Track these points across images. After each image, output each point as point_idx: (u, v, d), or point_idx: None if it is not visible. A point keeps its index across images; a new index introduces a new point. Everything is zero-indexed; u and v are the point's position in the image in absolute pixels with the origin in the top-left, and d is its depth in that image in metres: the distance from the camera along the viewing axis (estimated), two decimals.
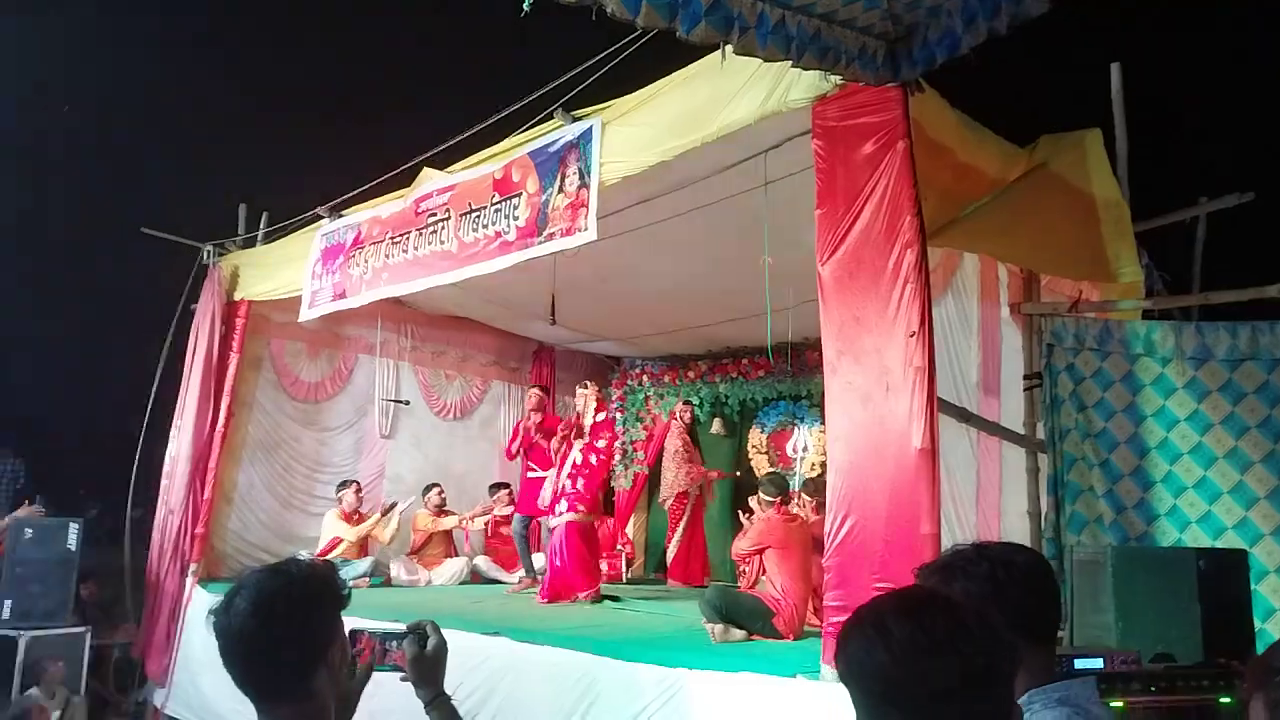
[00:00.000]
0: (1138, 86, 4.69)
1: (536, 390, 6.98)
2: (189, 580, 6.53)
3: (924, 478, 2.98)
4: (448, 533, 7.56)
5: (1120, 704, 2.02)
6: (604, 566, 7.23)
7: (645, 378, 8.87)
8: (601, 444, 6.14)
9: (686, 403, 8.13)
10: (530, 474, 6.84)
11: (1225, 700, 2.10)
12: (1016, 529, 4.07)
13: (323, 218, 6.16)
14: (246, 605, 1.40)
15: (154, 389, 7.13)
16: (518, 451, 6.86)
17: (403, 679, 1.62)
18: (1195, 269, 4.87)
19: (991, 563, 1.48)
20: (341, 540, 6.95)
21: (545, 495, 6.23)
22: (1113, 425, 3.66)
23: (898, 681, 1.03)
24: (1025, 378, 4.10)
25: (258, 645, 1.40)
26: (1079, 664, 2.04)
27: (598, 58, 4.09)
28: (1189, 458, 3.54)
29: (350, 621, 1.55)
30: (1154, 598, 2.62)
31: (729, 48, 2.81)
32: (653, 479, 8.24)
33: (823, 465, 5.16)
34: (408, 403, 7.94)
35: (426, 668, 1.62)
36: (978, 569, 1.47)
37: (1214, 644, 2.51)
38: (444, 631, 1.67)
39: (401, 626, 1.65)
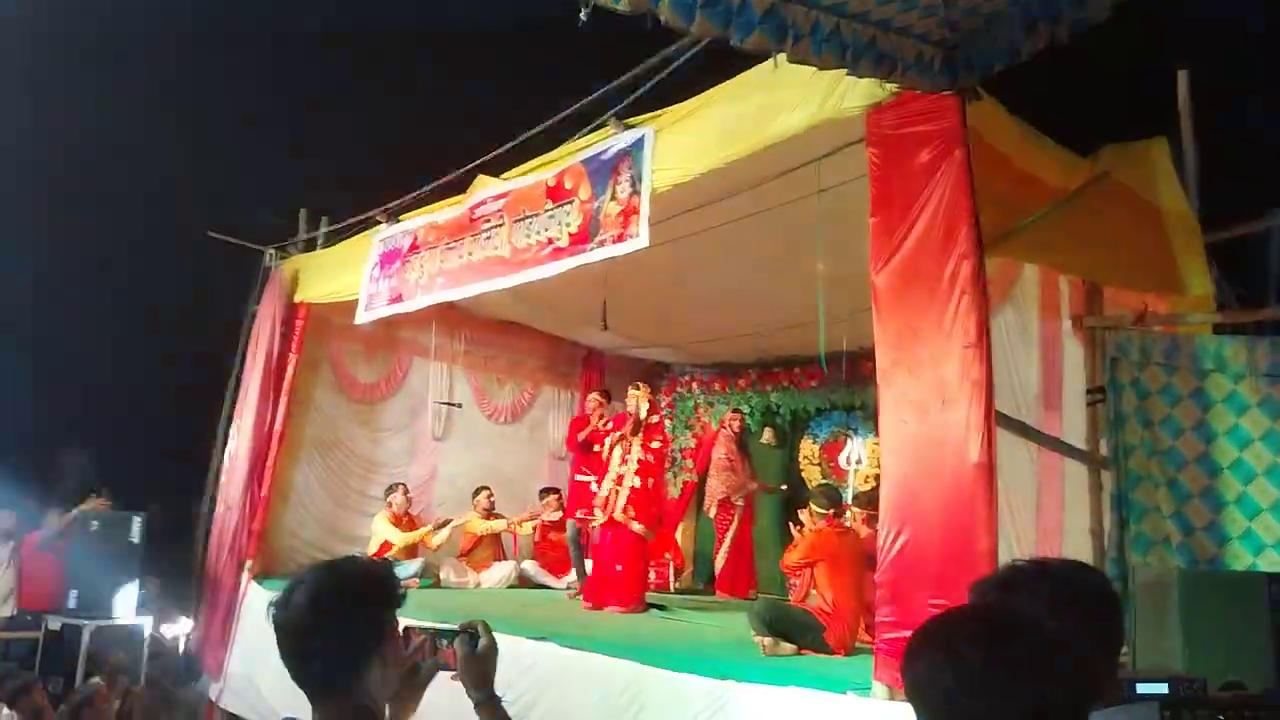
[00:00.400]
0: (1206, 94, 4.54)
1: (597, 395, 6.98)
2: (245, 576, 6.69)
3: (981, 493, 2.92)
4: (497, 536, 7.62)
5: None
6: (651, 575, 7.21)
7: (695, 385, 8.84)
8: (656, 445, 6.12)
9: (736, 411, 8.07)
10: (579, 477, 6.85)
11: None
12: (1078, 548, 3.95)
13: (380, 223, 6.29)
14: (304, 600, 1.44)
15: (231, 387, 7.36)
16: (582, 442, 6.83)
17: (453, 678, 1.63)
18: (1269, 283, 4.68)
19: (1053, 580, 1.44)
20: (391, 545, 7.05)
21: (601, 496, 6.12)
22: (1180, 443, 3.53)
23: (965, 708, 0.98)
24: (1088, 392, 3.98)
25: (313, 639, 1.43)
26: (1141, 688, 1.96)
27: (650, 63, 4.11)
28: (1265, 479, 3.39)
29: (402, 620, 1.57)
30: (1224, 623, 2.53)
31: (782, 56, 2.80)
32: (701, 488, 8.20)
33: (876, 478, 5.07)
34: (460, 405, 8.04)
35: (477, 668, 1.62)
36: (1038, 585, 1.43)
37: None
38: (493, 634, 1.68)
39: (454, 626, 1.66)
